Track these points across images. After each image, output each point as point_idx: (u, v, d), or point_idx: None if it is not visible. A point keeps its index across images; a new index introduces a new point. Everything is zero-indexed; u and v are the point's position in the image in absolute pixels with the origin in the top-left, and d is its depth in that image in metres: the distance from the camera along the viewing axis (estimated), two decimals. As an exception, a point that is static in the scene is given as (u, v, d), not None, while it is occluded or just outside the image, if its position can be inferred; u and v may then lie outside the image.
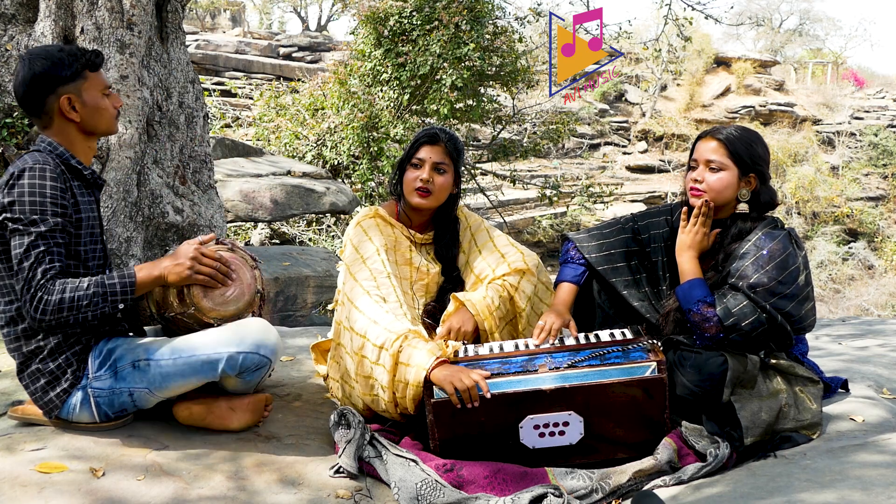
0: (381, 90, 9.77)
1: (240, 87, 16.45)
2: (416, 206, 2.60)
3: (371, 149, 9.53)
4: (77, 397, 2.10)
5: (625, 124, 24.22)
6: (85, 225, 2.12)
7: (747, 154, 2.33)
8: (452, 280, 2.70)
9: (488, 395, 2.14)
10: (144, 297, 2.22)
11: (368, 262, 2.48)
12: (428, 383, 2.18)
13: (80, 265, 2.09)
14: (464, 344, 2.43)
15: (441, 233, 2.71)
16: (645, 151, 23.48)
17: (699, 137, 2.44)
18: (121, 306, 2.04)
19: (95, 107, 2.17)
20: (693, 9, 10.23)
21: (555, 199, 12.07)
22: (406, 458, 2.15)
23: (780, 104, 24.53)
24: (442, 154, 2.58)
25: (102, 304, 2.00)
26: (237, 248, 2.31)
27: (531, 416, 2.18)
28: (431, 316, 2.63)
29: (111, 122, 2.23)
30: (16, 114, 4.36)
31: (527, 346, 2.36)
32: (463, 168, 2.69)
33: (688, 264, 2.36)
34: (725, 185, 2.34)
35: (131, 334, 2.05)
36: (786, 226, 2.36)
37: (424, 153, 2.57)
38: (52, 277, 1.96)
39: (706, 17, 10.44)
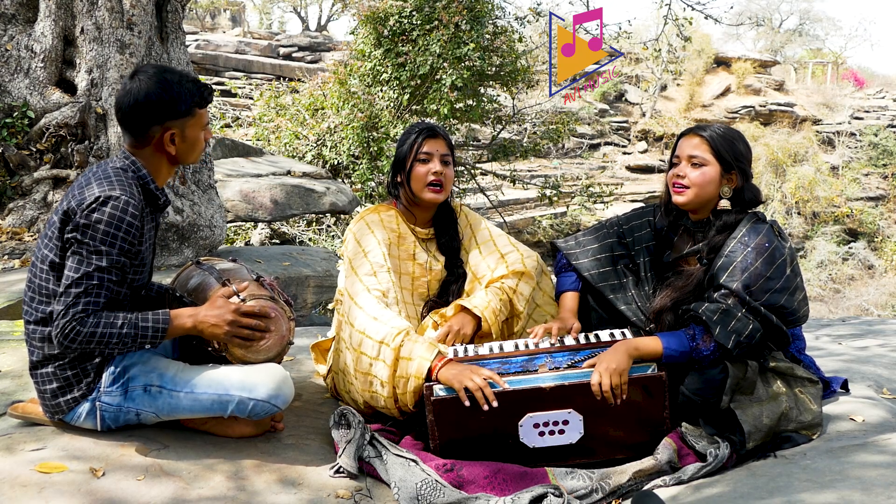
0: (381, 90, 9.77)
1: (240, 87, 16.45)
2: (429, 201, 2.57)
3: (371, 149, 9.53)
4: (85, 407, 2.09)
5: (625, 124, 24.22)
6: (142, 255, 2.12)
7: (730, 151, 2.33)
8: (455, 274, 2.70)
9: (507, 389, 2.14)
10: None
11: (370, 256, 2.48)
12: (429, 381, 2.18)
13: (122, 283, 2.06)
14: (462, 345, 2.44)
15: (444, 226, 2.72)
16: (645, 151, 23.49)
17: (682, 135, 2.44)
18: (147, 347, 2.04)
19: (194, 142, 2.15)
20: (693, 9, 10.24)
21: (555, 199, 12.06)
22: (406, 458, 2.15)
23: (780, 104, 24.53)
24: (445, 146, 2.58)
25: (131, 345, 2.00)
26: (276, 291, 2.26)
27: (531, 415, 2.18)
28: (433, 311, 2.63)
29: (199, 155, 2.22)
30: (15, 114, 4.37)
31: (527, 346, 2.36)
32: (462, 167, 2.70)
33: (643, 345, 2.22)
34: (708, 181, 2.33)
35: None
36: (768, 219, 2.35)
37: (430, 147, 2.55)
38: (93, 312, 1.95)
39: (706, 17, 10.45)
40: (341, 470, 2.15)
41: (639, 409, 2.20)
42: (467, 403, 2.12)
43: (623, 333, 2.35)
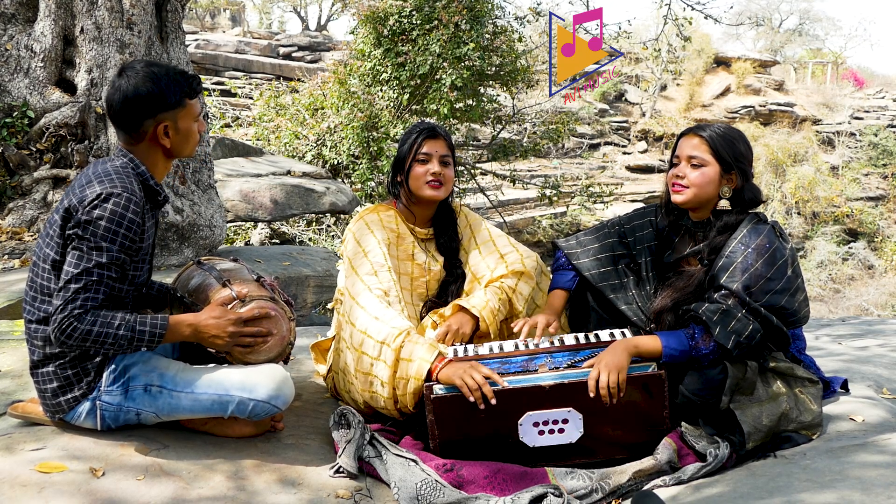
0: (381, 90, 9.77)
1: (240, 87, 16.45)
2: (429, 199, 2.59)
3: (371, 149, 9.54)
4: (85, 407, 2.09)
5: (625, 124, 24.22)
6: (142, 252, 2.12)
7: (729, 151, 2.33)
8: (454, 274, 2.70)
9: (506, 386, 2.14)
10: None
11: (370, 256, 2.48)
12: (429, 382, 2.18)
13: (123, 280, 2.06)
14: (462, 344, 2.44)
15: (443, 226, 2.72)
16: (645, 151, 23.50)
17: (682, 135, 2.44)
18: (143, 349, 2.04)
19: (187, 134, 2.16)
20: (693, 9, 10.25)
21: (555, 199, 12.07)
22: (406, 458, 2.15)
23: (779, 104, 24.54)
24: (445, 147, 2.61)
25: (127, 347, 2.00)
26: (277, 292, 2.26)
27: (530, 413, 2.18)
28: (432, 311, 2.63)
29: (194, 147, 2.22)
30: (15, 114, 4.37)
31: (526, 346, 2.36)
32: (462, 167, 2.71)
33: (643, 343, 2.23)
34: (707, 181, 2.33)
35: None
36: (769, 219, 2.35)
37: (429, 147, 2.57)
38: (91, 309, 1.94)
39: (706, 17, 10.46)
40: (341, 470, 2.15)
41: (638, 408, 2.20)
42: (472, 399, 2.11)
43: (623, 333, 2.35)
